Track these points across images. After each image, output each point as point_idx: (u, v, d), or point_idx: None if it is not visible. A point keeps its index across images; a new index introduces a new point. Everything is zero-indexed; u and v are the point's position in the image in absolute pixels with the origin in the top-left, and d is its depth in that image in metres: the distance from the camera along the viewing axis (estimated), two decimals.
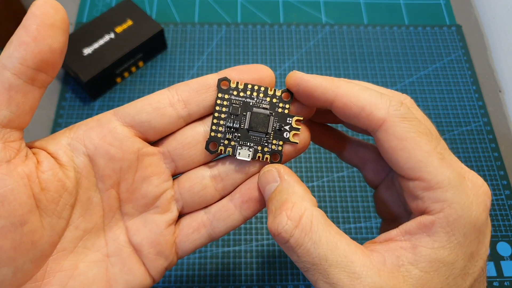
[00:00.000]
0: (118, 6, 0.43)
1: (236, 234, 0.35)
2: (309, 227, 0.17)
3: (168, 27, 0.46)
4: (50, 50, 0.17)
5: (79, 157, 0.19)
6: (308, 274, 0.17)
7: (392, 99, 0.18)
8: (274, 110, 0.21)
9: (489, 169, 0.39)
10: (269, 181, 0.20)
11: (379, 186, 0.23)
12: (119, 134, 0.19)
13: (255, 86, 0.20)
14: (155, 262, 0.20)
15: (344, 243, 0.17)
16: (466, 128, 0.41)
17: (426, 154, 0.17)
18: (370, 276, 0.16)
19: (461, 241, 0.17)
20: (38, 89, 0.17)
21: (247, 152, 0.20)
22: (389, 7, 0.49)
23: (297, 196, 0.19)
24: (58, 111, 0.41)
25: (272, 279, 0.34)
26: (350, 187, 0.38)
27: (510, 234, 0.36)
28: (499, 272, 0.34)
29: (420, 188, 0.17)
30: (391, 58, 0.45)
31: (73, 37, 0.41)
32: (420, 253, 0.17)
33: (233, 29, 0.46)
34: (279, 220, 0.18)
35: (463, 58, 0.45)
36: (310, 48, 0.46)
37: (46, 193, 0.17)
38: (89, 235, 0.20)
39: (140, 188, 0.20)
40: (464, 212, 0.17)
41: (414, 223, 0.17)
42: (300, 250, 0.17)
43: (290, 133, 0.20)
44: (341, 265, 0.17)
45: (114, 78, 0.42)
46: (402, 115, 0.18)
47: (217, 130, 0.20)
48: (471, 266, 0.17)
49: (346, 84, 0.19)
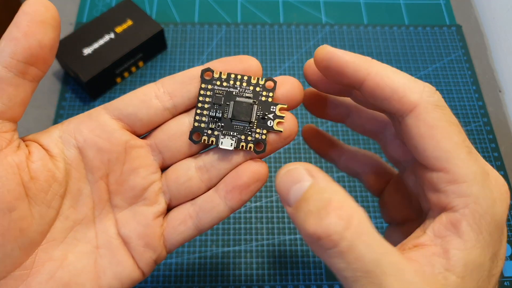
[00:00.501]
0: (118, 6, 0.43)
1: (236, 234, 0.35)
2: (361, 228, 0.15)
3: (168, 27, 0.46)
4: (40, 45, 0.17)
5: (69, 150, 0.19)
6: (356, 285, 0.15)
7: (426, 85, 0.17)
8: (258, 99, 0.20)
9: None
10: (296, 180, 0.17)
11: (385, 191, 0.23)
12: (107, 126, 0.20)
13: (238, 76, 0.20)
14: (143, 254, 0.20)
15: (392, 248, 0.16)
16: (466, 128, 0.41)
17: (455, 145, 0.16)
18: (420, 285, 0.15)
19: (488, 240, 0.16)
20: (29, 82, 0.18)
21: (229, 141, 0.20)
22: (389, 7, 0.49)
23: (341, 195, 0.16)
24: (58, 111, 0.41)
25: (272, 279, 0.34)
26: (350, 187, 0.38)
27: (510, 234, 0.36)
28: None
29: (444, 180, 0.17)
30: (391, 58, 0.45)
31: (73, 37, 0.41)
32: (454, 257, 0.16)
33: (233, 29, 0.46)
34: (329, 221, 0.15)
35: (463, 58, 0.45)
36: (310, 48, 0.46)
37: (35, 181, 0.18)
38: (79, 226, 0.20)
39: (128, 180, 0.20)
40: (490, 209, 0.16)
41: (441, 224, 0.17)
42: (353, 255, 0.15)
43: (274, 121, 0.20)
44: (395, 273, 0.15)
45: (114, 78, 0.42)
46: (435, 102, 0.17)
47: (200, 120, 0.20)
48: (494, 266, 0.16)
49: (380, 64, 0.18)
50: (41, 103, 0.41)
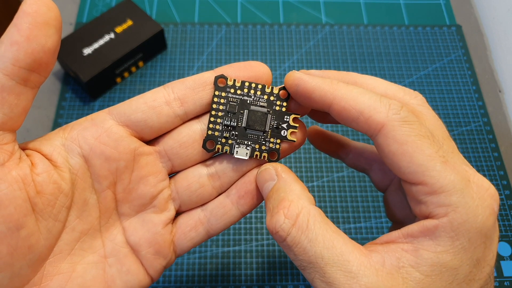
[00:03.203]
0: (118, 6, 0.43)
1: (236, 234, 0.35)
2: (305, 225, 0.17)
3: (168, 27, 0.46)
4: (43, 50, 0.16)
5: (74, 158, 0.19)
6: (305, 273, 0.17)
7: (391, 103, 0.18)
8: (272, 108, 0.20)
9: (489, 169, 0.39)
10: (266, 180, 0.20)
11: (388, 189, 0.23)
12: (114, 134, 0.19)
13: (252, 84, 0.20)
14: (153, 261, 0.20)
15: (341, 241, 0.17)
16: (466, 128, 0.41)
17: (427, 157, 0.17)
18: (366, 276, 0.16)
19: (466, 246, 0.16)
20: (31, 89, 0.17)
21: (244, 150, 0.20)
22: (389, 7, 0.49)
23: (294, 194, 0.18)
24: (58, 111, 0.41)
25: (272, 279, 0.34)
26: (350, 187, 0.38)
27: (510, 234, 0.36)
28: (499, 272, 0.34)
29: (423, 192, 0.17)
30: (391, 58, 0.45)
31: (73, 37, 0.41)
32: (421, 256, 0.16)
33: (233, 29, 0.46)
34: (276, 218, 0.18)
35: (463, 58, 0.45)
36: (310, 48, 0.46)
37: (41, 196, 0.17)
38: (86, 237, 0.19)
39: (136, 188, 0.20)
40: (469, 216, 0.16)
41: (417, 227, 0.17)
42: (297, 249, 0.17)
43: (288, 131, 0.20)
44: (337, 263, 0.16)
45: (114, 78, 0.42)
46: (402, 118, 0.17)
47: (214, 128, 0.20)
48: (477, 272, 0.17)
49: (345, 87, 0.19)
50: (41, 103, 0.41)
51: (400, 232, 0.18)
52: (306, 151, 0.39)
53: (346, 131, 0.41)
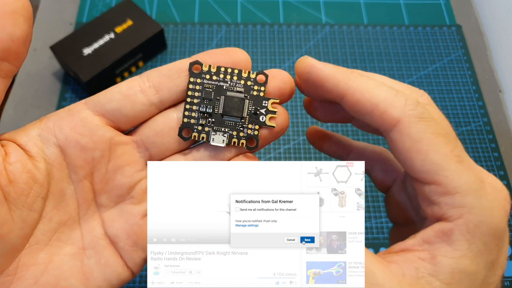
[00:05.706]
0: (118, 6, 0.43)
1: None
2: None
3: (168, 27, 0.46)
4: (12, 39, 0.16)
5: (50, 148, 0.18)
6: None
7: (408, 98, 0.17)
8: (249, 93, 0.20)
9: (489, 169, 0.39)
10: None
11: (391, 189, 0.22)
12: (89, 123, 0.19)
13: (229, 69, 0.20)
14: (132, 253, 0.20)
15: (366, 253, 0.17)
16: (466, 128, 0.41)
17: (443, 156, 0.16)
18: (390, 285, 0.16)
19: (481, 250, 0.16)
20: (2, 79, 0.17)
21: (221, 138, 0.19)
22: (389, 7, 0.49)
23: None
24: None
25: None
26: None
27: (510, 234, 0.36)
28: None
29: (436, 193, 0.16)
30: (391, 58, 0.45)
31: (73, 37, 0.41)
32: (440, 264, 0.16)
33: (233, 29, 0.46)
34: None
35: (463, 58, 0.45)
36: (310, 48, 0.46)
37: (14, 185, 0.17)
38: (63, 228, 0.19)
39: (114, 179, 0.20)
40: (485, 218, 0.16)
41: (432, 231, 0.17)
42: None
43: (266, 116, 0.20)
44: (365, 276, 0.16)
45: (114, 78, 0.42)
46: (418, 115, 0.17)
47: (190, 116, 0.20)
48: (491, 275, 0.16)
49: (360, 77, 0.18)
50: (41, 103, 0.41)
51: (415, 239, 0.17)
52: (306, 151, 0.40)
53: (346, 131, 0.41)
